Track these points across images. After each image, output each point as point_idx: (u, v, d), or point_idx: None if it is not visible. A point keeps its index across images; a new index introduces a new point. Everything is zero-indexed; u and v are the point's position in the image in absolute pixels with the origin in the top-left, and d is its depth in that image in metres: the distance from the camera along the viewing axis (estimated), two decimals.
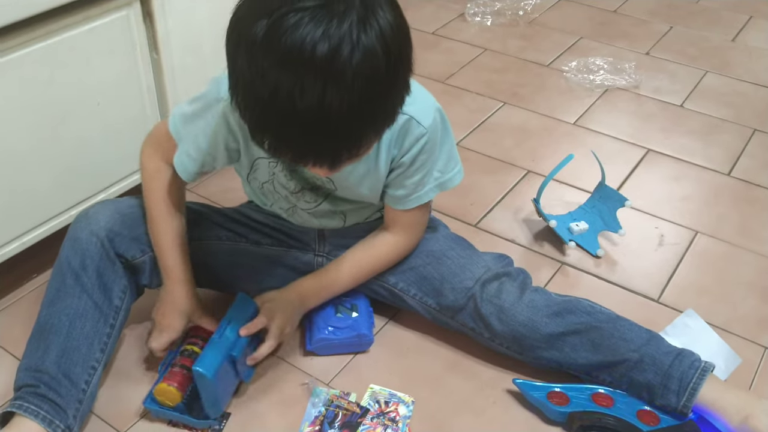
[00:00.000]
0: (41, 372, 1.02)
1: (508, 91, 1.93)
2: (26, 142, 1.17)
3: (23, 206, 1.21)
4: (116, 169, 1.33)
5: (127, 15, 1.22)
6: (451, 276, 1.15)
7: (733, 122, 1.83)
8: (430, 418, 1.11)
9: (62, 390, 1.02)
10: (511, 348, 1.14)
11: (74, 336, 1.05)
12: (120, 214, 1.11)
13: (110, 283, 1.09)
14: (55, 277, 1.09)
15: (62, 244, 1.10)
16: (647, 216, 1.52)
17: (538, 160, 1.67)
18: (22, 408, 0.99)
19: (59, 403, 1.01)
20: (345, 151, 0.83)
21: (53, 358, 1.03)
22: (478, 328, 1.15)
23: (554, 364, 1.13)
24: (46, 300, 1.08)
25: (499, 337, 1.13)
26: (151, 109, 1.34)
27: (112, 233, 1.09)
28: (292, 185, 1.11)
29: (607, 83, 1.96)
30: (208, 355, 1.04)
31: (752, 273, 1.39)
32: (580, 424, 1.06)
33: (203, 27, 1.36)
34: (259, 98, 0.78)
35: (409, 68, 0.84)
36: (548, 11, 2.35)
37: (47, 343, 1.04)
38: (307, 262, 1.22)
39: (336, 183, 1.10)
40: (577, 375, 1.13)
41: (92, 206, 1.13)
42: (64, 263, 1.08)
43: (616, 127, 1.80)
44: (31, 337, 1.07)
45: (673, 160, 1.69)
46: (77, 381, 1.04)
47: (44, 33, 1.12)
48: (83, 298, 1.07)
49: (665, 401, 1.07)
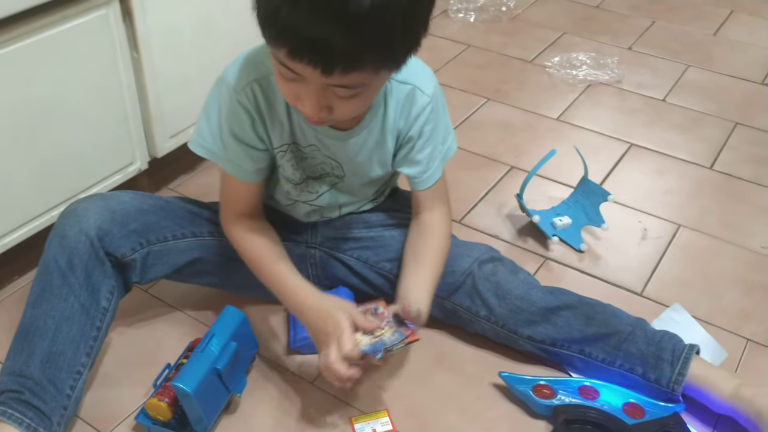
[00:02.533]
0: (25, 377, 1.01)
1: (491, 87, 1.93)
2: (5, 143, 1.16)
3: (2, 208, 1.20)
4: (97, 169, 1.32)
5: (106, 14, 1.21)
6: (449, 260, 1.15)
7: (715, 116, 1.84)
8: (416, 414, 1.11)
9: (47, 396, 1.01)
10: (506, 326, 1.14)
11: (60, 340, 1.03)
12: (110, 211, 1.09)
13: (98, 283, 1.07)
14: (41, 276, 1.06)
15: (48, 241, 1.07)
16: (630, 210, 1.53)
17: (521, 155, 1.68)
18: (6, 415, 0.98)
19: (43, 410, 1.00)
20: (344, 54, 0.81)
21: (38, 363, 1.01)
22: (475, 306, 1.15)
23: (548, 341, 1.13)
24: (31, 300, 1.05)
25: (496, 315, 1.14)
26: (132, 109, 1.33)
27: (102, 231, 1.06)
28: (297, 176, 1.11)
29: (589, 78, 1.96)
30: (189, 370, 1.02)
31: (734, 266, 1.40)
32: (564, 418, 1.06)
33: (183, 26, 1.35)
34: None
35: (429, 16, 0.86)
36: (531, 7, 2.35)
37: (32, 346, 1.02)
38: (300, 254, 1.20)
39: (345, 167, 1.10)
40: (569, 357, 1.13)
41: (80, 202, 1.10)
42: (51, 262, 1.05)
43: (599, 122, 1.80)
44: (15, 339, 1.05)
45: (656, 154, 1.70)
46: (62, 387, 1.02)
47: (22, 33, 1.11)
48: (70, 299, 1.04)
49: (659, 373, 1.08)
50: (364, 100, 0.93)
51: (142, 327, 1.24)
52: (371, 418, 1.09)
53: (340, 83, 0.86)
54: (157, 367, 1.12)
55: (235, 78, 1.02)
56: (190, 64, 1.38)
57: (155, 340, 1.21)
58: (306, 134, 1.06)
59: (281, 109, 1.03)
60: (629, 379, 1.11)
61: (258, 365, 1.17)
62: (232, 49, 1.13)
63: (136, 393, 1.12)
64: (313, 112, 0.91)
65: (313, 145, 1.07)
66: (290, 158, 1.08)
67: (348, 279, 1.22)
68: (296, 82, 0.88)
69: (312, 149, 1.07)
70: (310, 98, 0.89)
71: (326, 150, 1.07)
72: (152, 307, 1.27)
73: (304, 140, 1.06)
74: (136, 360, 1.17)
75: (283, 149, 1.07)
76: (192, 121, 1.45)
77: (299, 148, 1.08)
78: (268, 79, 1.01)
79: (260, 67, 1.01)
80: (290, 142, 1.07)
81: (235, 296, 1.25)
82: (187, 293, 1.28)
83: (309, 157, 1.09)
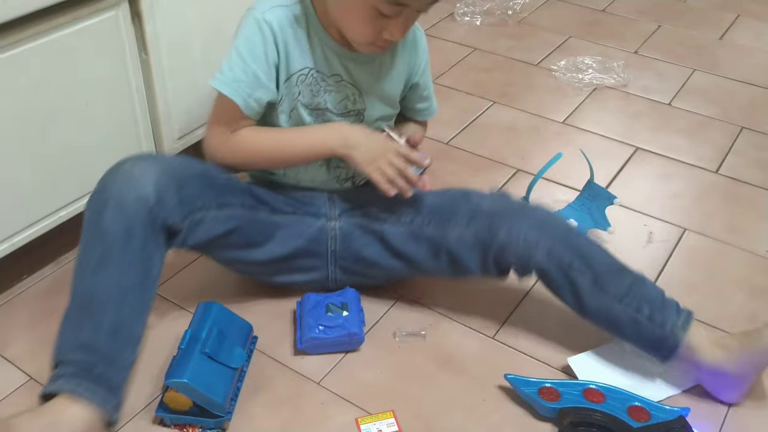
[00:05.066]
0: (94, 350, 0.98)
1: (497, 90, 1.93)
2: (14, 143, 1.17)
3: (12, 207, 1.21)
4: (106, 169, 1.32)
5: (115, 15, 1.22)
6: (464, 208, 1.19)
7: (720, 120, 1.84)
8: (421, 415, 1.11)
9: (114, 370, 0.99)
10: (529, 241, 1.12)
11: (125, 311, 1.01)
12: (166, 176, 1.05)
13: (152, 252, 1.04)
14: (97, 241, 1.01)
15: (97, 202, 1.03)
16: (636, 214, 1.53)
17: (527, 158, 1.68)
18: (80, 389, 0.95)
19: (112, 385, 0.99)
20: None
21: (105, 334, 0.98)
22: (494, 228, 1.14)
23: (567, 258, 1.11)
24: (86, 267, 1.01)
25: (515, 233, 1.12)
26: (141, 110, 1.34)
27: (160, 199, 1.03)
28: (315, 102, 1.16)
29: (595, 82, 1.97)
30: (177, 363, 1.04)
31: (740, 270, 1.40)
32: (570, 421, 1.07)
33: (192, 27, 1.36)
34: None
35: None
36: (537, 11, 2.36)
37: (98, 317, 0.99)
38: (320, 228, 1.20)
39: (366, 97, 1.19)
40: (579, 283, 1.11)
41: (134, 162, 1.06)
42: (109, 228, 1.01)
43: (604, 125, 1.81)
44: (74, 309, 1.01)
45: (662, 158, 1.70)
46: (126, 360, 1.01)
47: (33, 33, 1.12)
48: (132, 269, 1.01)
49: (665, 317, 1.10)
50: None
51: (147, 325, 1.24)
52: (377, 419, 1.09)
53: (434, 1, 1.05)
54: (163, 365, 1.13)
55: (261, 4, 1.13)
56: (198, 65, 1.39)
57: (161, 339, 1.21)
58: (331, 63, 1.15)
59: (302, 37, 1.13)
60: (633, 320, 1.10)
61: (265, 366, 1.17)
62: None
63: (142, 391, 1.13)
64: (403, 34, 1.08)
65: (336, 75, 1.16)
66: (311, 83, 1.15)
67: (373, 254, 1.21)
68: (390, 17, 1.04)
69: (335, 79, 1.16)
70: (403, 25, 1.07)
71: (349, 77, 1.16)
72: (158, 305, 1.28)
73: (328, 69, 1.15)
74: (143, 359, 1.18)
75: (304, 72, 1.14)
76: (200, 123, 1.46)
77: (323, 77, 1.15)
78: (290, 8, 1.13)
79: (288, 2, 1.13)
80: (312, 67, 1.14)
81: (235, 297, 1.26)
82: (193, 292, 1.29)
83: (333, 90, 1.16)
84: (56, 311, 1.26)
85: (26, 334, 1.23)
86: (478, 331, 1.25)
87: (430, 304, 1.29)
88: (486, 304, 1.30)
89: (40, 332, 1.23)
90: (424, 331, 1.24)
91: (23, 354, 1.19)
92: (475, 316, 1.28)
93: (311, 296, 1.22)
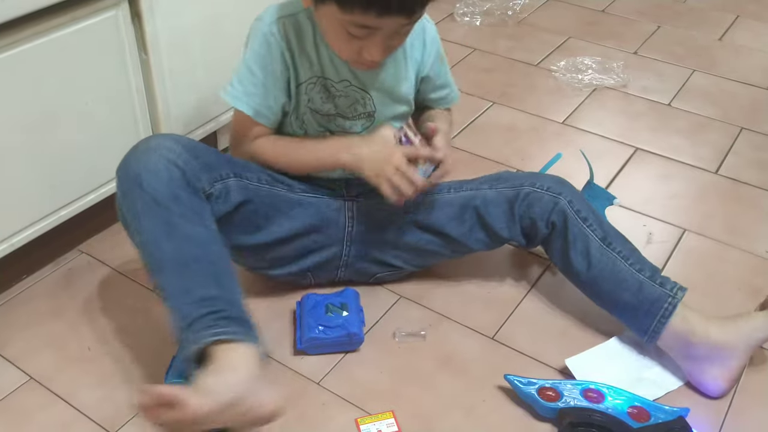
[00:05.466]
0: (214, 299, 0.99)
1: (497, 90, 1.94)
2: (14, 143, 1.17)
3: (11, 207, 1.21)
4: (105, 169, 1.33)
5: (115, 15, 1.22)
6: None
7: (720, 121, 1.84)
8: (421, 416, 1.11)
9: (238, 308, 1.00)
10: (553, 190, 1.21)
11: (214, 258, 1.03)
12: (182, 145, 1.07)
13: (201, 209, 1.06)
14: (154, 210, 1.01)
15: (133, 184, 1.02)
16: (635, 214, 1.53)
17: (526, 159, 1.68)
18: (229, 332, 0.96)
19: (245, 320, 1.00)
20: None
21: (214, 284, 1.00)
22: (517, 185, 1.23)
23: (584, 212, 1.20)
24: (159, 239, 1.01)
25: (540, 185, 1.22)
26: (141, 110, 1.34)
27: (186, 162, 1.05)
28: (326, 108, 1.17)
29: (595, 82, 1.97)
30: (177, 363, 1.05)
31: (740, 270, 1.40)
32: (570, 421, 1.07)
33: (192, 28, 1.36)
34: None
35: None
36: (537, 11, 2.36)
37: (198, 273, 1.01)
38: (337, 208, 1.22)
39: (375, 99, 1.18)
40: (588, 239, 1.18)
41: (145, 141, 1.07)
42: (156, 197, 1.01)
43: (604, 126, 1.81)
44: (172, 276, 1.01)
45: (661, 159, 1.70)
46: (239, 294, 1.02)
47: (31, 34, 1.12)
48: (196, 225, 1.03)
49: (664, 279, 1.16)
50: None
51: (148, 325, 1.24)
52: (377, 419, 1.09)
53: (412, 21, 1.03)
54: (163, 365, 1.13)
55: (267, 15, 1.13)
56: (198, 65, 1.39)
57: (161, 340, 1.21)
58: (338, 69, 1.15)
59: (309, 46, 1.13)
60: (636, 278, 1.15)
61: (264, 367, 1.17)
62: (240, 51, 1.15)
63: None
64: (382, 56, 1.06)
65: (345, 80, 1.16)
66: (320, 90, 1.15)
67: (391, 230, 1.24)
68: (362, 38, 1.02)
69: (344, 85, 1.16)
70: (379, 46, 1.04)
71: (357, 82, 1.16)
72: (157, 306, 1.28)
73: (336, 75, 1.15)
74: (143, 358, 1.18)
75: (313, 81, 1.15)
76: (200, 123, 1.46)
77: (332, 84, 1.15)
78: (296, 17, 1.13)
79: (289, 7, 1.13)
80: (320, 75, 1.15)
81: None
82: None
83: (342, 95, 1.16)
84: (56, 311, 1.27)
85: (26, 334, 1.23)
86: (478, 332, 1.25)
87: (430, 305, 1.30)
88: (486, 305, 1.30)
89: (40, 332, 1.23)
90: (423, 331, 1.24)
91: (23, 354, 1.19)
92: (474, 316, 1.28)
93: (311, 296, 1.22)
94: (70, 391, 1.14)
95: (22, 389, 1.14)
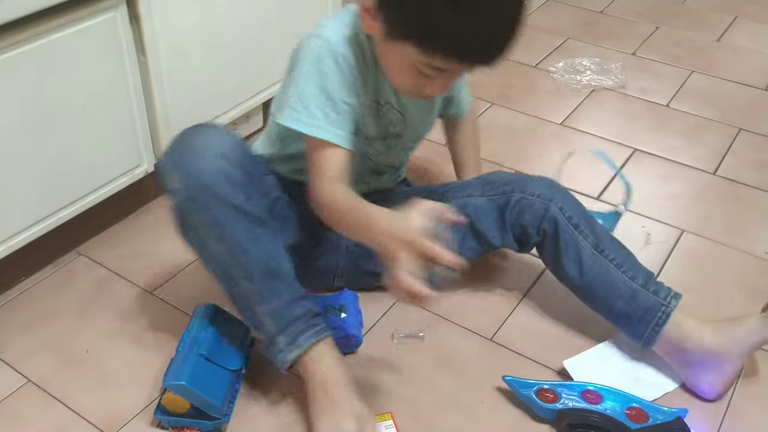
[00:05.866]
0: (303, 300, 1.07)
1: (495, 91, 1.94)
2: (12, 145, 1.17)
3: (9, 209, 1.21)
4: (104, 171, 1.33)
5: (113, 17, 1.22)
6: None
7: (718, 121, 1.84)
8: (419, 417, 1.11)
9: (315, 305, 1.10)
10: (543, 196, 1.19)
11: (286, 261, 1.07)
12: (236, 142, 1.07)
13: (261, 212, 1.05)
14: (229, 218, 1.01)
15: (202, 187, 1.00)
16: (634, 215, 1.53)
17: (525, 160, 1.68)
18: (325, 331, 1.08)
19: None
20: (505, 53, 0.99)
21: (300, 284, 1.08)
22: (507, 191, 1.22)
23: (575, 219, 1.18)
24: (245, 243, 1.02)
25: (530, 191, 1.20)
26: (139, 112, 1.34)
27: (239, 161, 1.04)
28: (374, 131, 1.16)
29: (593, 83, 1.97)
30: (174, 366, 1.05)
31: (738, 271, 1.40)
32: (568, 422, 1.07)
33: (191, 30, 1.36)
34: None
35: None
36: (535, 12, 2.36)
37: (285, 277, 1.06)
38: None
39: (408, 122, 1.18)
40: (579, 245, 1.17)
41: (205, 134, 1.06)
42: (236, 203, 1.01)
43: (602, 126, 1.81)
44: (263, 282, 1.04)
45: (660, 160, 1.70)
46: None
47: (30, 36, 1.12)
48: (266, 227, 1.05)
49: (658, 287, 1.14)
50: None
51: (146, 328, 1.24)
52: (375, 421, 1.09)
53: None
54: (161, 367, 1.13)
55: (331, 34, 1.06)
56: (196, 67, 1.39)
57: (159, 341, 1.21)
58: (386, 92, 1.13)
59: (371, 66, 1.09)
60: (629, 286, 1.14)
61: (263, 368, 1.17)
62: (238, 53, 1.15)
63: (140, 394, 1.13)
64: (444, 91, 1.06)
65: (389, 103, 1.15)
66: (373, 114, 1.15)
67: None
68: (430, 77, 1.00)
69: (388, 107, 1.15)
70: (446, 85, 1.03)
71: (399, 105, 1.15)
72: (157, 308, 1.28)
73: (383, 98, 1.14)
74: (141, 361, 1.18)
75: (370, 105, 1.13)
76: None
77: (379, 105, 1.14)
78: (358, 38, 1.07)
79: (349, 26, 1.07)
80: (374, 99, 1.13)
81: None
82: (192, 296, 1.29)
83: (382, 115, 1.16)
84: (54, 313, 1.27)
85: (24, 336, 1.23)
86: (477, 333, 1.25)
87: (428, 306, 1.29)
88: (484, 306, 1.30)
89: (38, 334, 1.23)
90: (422, 332, 1.24)
91: (21, 356, 1.19)
92: (473, 317, 1.28)
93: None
94: (68, 394, 1.13)
95: (20, 392, 1.14)
